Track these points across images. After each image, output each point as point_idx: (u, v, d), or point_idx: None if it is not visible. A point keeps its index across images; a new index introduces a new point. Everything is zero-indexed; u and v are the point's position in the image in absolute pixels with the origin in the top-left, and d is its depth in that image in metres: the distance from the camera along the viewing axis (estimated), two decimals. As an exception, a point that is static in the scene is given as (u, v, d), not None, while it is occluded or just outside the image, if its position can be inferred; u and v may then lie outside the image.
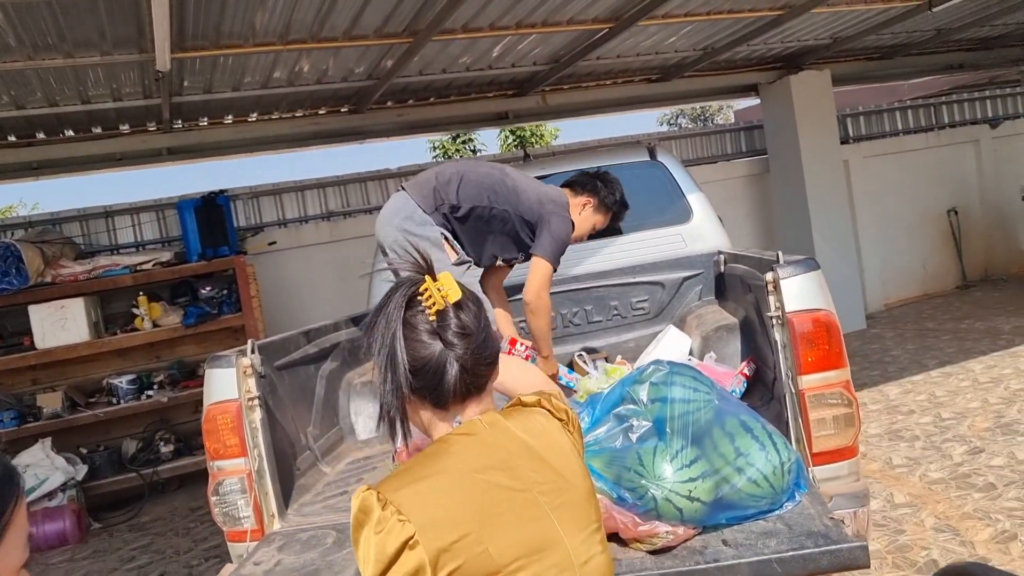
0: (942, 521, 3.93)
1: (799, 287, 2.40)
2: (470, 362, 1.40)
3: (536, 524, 1.31)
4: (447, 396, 1.40)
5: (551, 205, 3.46)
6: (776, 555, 1.84)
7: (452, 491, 1.28)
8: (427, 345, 1.39)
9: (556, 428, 1.45)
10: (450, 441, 1.37)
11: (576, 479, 1.39)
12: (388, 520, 1.24)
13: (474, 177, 3.44)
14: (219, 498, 2.56)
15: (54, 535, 5.77)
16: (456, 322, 1.40)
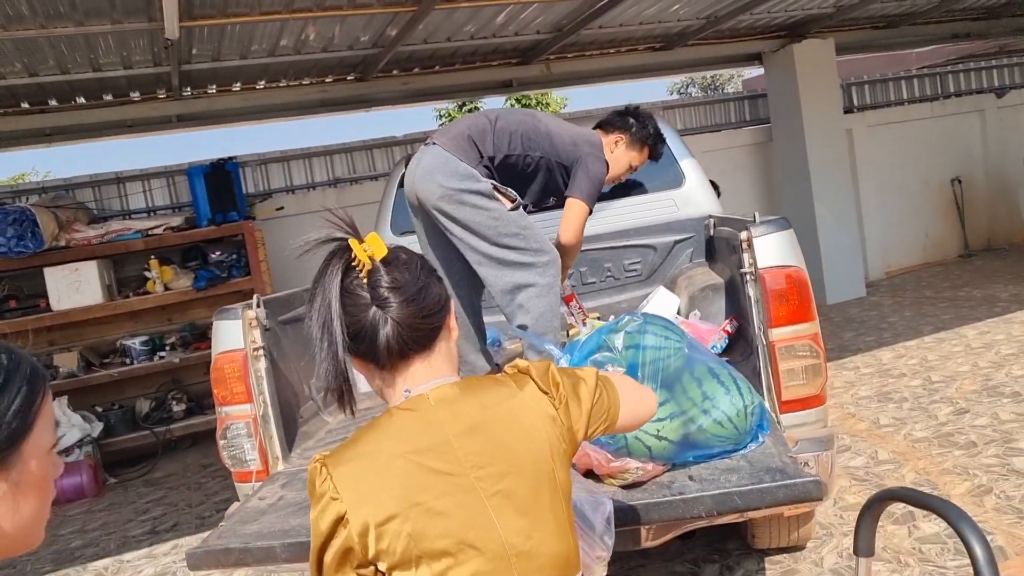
0: (922, 476, 4.09)
1: (771, 245, 2.54)
2: (406, 317, 1.36)
3: (467, 510, 1.29)
4: (384, 356, 1.37)
5: (586, 147, 3.36)
6: (737, 489, 1.99)
7: (384, 472, 1.30)
8: (361, 307, 1.36)
9: (527, 401, 1.40)
10: (393, 416, 1.36)
11: (528, 462, 1.35)
12: (324, 497, 1.30)
13: (506, 124, 3.33)
14: (227, 441, 2.74)
15: (72, 489, 6.01)
16: (386, 279, 1.37)
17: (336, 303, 1.36)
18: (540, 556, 1.32)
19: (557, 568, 1.35)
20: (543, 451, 1.36)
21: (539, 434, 1.37)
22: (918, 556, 3.27)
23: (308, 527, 2.20)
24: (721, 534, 3.66)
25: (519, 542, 1.30)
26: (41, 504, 1.03)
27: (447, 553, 1.27)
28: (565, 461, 1.40)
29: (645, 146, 3.55)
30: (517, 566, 1.30)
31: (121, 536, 5.07)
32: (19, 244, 6.25)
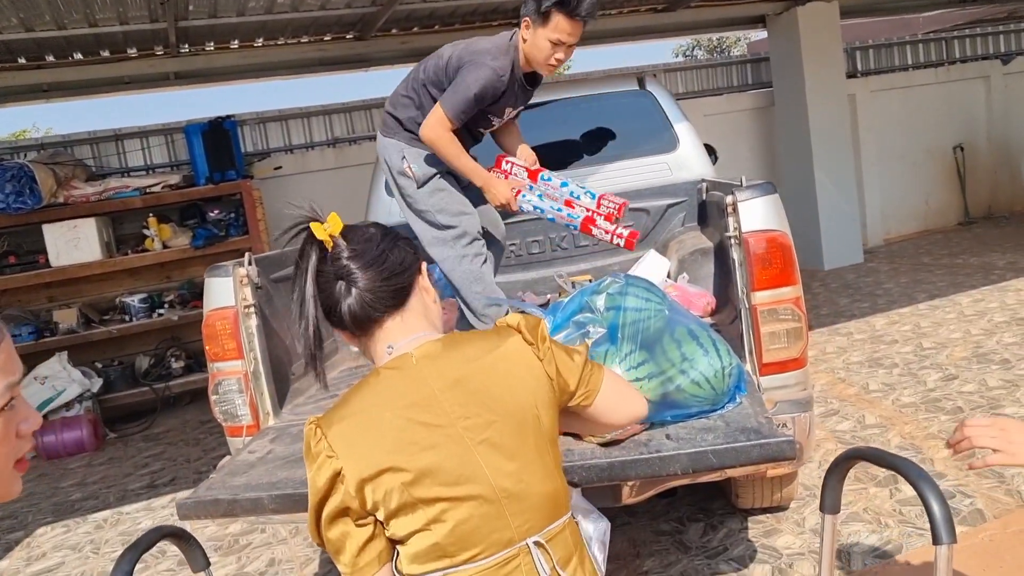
0: (907, 441, 4.15)
1: (756, 209, 2.56)
2: (367, 282, 1.44)
3: (456, 458, 1.36)
4: (351, 323, 1.46)
5: (469, 55, 3.09)
6: (712, 447, 2.03)
7: (375, 428, 1.38)
8: (331, 282, 1.45)
9: (511, 351, 1.47)
10: (380, 375, 1.44)
11: (512, 408, 1.42)
12: (319, 456, 1.38)
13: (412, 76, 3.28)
14: (219, 397, 2.79)
15: (72, 443, 6.10)
16: (346, 251, 1.46)
17: (310, 284, 1.46)
18: (529, 497, 1.40)
19: (546, 507, 1.43)
20: (526, 398, 1.43)
21: (521, 382, 1.44)
22: (898, 518, 3.34)
23: (295, 480, 2.27)
24: (706, 494, 3.73)
25: (508, 485, 1.38)
26: None
27: (440, 499, 1.35)
28: (551, 407, 1.47)
29: (548, 13, 2.95)
30: (508, 507, 1.38)
31: (120, 489, 5.17)
32: (17, 200, 6.27)
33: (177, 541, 1.92)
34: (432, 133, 3.10)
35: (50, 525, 4.70)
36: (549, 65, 3.10)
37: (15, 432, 1.00)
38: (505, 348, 1.47)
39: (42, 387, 6.27)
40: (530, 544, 1.40)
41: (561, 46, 3.03)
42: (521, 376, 1.45)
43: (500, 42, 3.14)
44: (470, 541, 1.37)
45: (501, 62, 3.07)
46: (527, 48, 3.08)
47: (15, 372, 1.00)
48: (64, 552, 4.29)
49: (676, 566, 3.23)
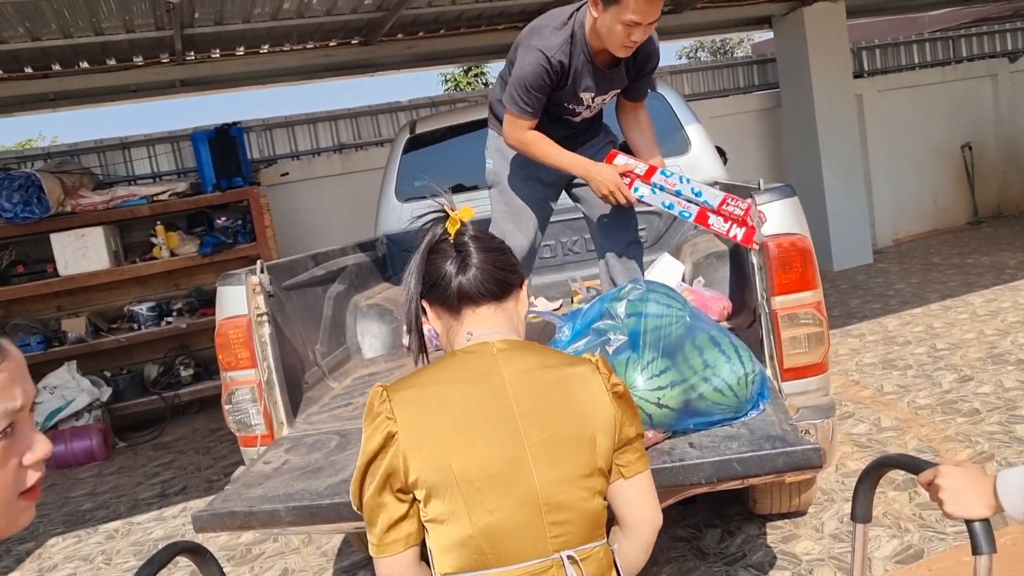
0: (924, 443, 4.10)
1: (775, 213, 2.52)
2: (482, 262, 1.50)
3: (507, 451, 1.37)
4: (455, 297, 1.50)
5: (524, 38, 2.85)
6: (736, 456, 2.00)
7: (439, 404, 1.40)
8: (446, 258, 1.51)
9: (585, 374, 1.48)
10: (457, 357, 1.48)
11: (574, 421, 1.42)
12: (379, 416, 1.40)
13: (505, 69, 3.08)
14: (232, 406, 2.76)
15: (82, 452, 6.09)
16: (471, 231, 1.54)
17: (420, 257, 1.53)
18: (569, 510, 1.39)
19: (585, 525, 1.41)
20: (589, 418, 1.43)
21: (588, 403, 1.45)
22: (918, 522, 3.30)
23: (312, 491, 2.24)
24: (723, 500, 3.69)
25: (551, 493, 1.38)
26: None
27: (482, 489, 1.35)
28: (609, 438, 1.45)
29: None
30: (547, 516, 1.37)
31: (131, 499, 5.14)
32: (25, 210, 6.26)
33: (193, 556, 1.89)
34: (513, 139, 2.98)
35: (61, 536, 4.68)
36: (625, 47, 2.73)
37: (17, 461, 0.93)
38: (580, 369, 1.49)
39: (51, 396, 6.25)
40: (564, 557, 1.38)
41: (637, 27, 2.65)
42: (589, 397, 1.45)
43: (556, 19, 2.82)
44: (504, 542, 1.36)
45: (551, 41, 2.76)
46: (598, 29, 2.71)
47: (16, 397, 0.92)
48: (76, 563, 4.27)
49: (694, 573, 3.20)
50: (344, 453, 2.47)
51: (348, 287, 3.78)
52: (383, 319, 3.77)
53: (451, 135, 4.89)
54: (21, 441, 0.94)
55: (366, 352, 3.68)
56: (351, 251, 3.99)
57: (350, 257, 3.91)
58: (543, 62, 2.76)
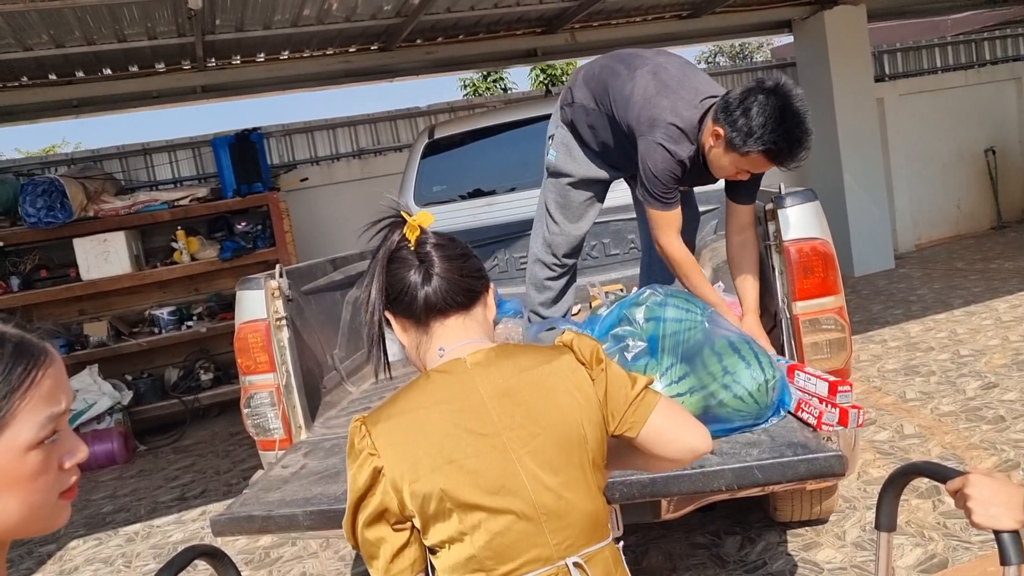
0: (948, 451, 4.05)
1: (796, 217, 2.50)
2: (446, 271, 1.44)
3: (498, 468, 1.34)
4: (422, 310, 1.44)
5: (644, 126, 2.75)
6: (757, 463, 1.98)
7: (420, 432, 1.35)
8: (408, 268, 1.45)
9: (562, 367, 1.43)
10: (430, 378, 1.42)
11: (560, 423, 1.38)
12: (362, 453, 1.36)
13: (598, 70, 3.05)
14: (251, 410, 2.77)
15: (103, 455, 6.13)
16: (432, 239, 1.47)
17: (380, 267, 1.46)
18: (569, 514, 1.36)
19: (586, 527, 1.39)
20: (574, 415, 1.39)
21: (570, 399, 1.40)
22: (942, 531, 3.25)
23: (330, 495, 2.24)
24: (743, 506, 3.65)
25: (549, 501, 1.35)
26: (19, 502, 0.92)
27: (479, 507, 1.33)
28: (598, 429, 1.42)
29: (748, 153, 2.49)
30: (547, 524, 1.35)
31: (151, 502, 5.18)
32: (49, 215, 6.32)
33: (211, 560, 1.89)
34: (667, 247, 2.82)
35: (82, 538, 4.71)
36: (727, 177, 2.76)
37: (58, 465, 0.96)
38: (557, 364, 1.44)
39: (73, 400, 6.30)
40: (569, 564, 1.37)
41: (746, 173, 2.66)
42: (570, 393, 1.41)
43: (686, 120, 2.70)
44: (507, 555, 1.34)
45: (680, 146, 2.71)
46: (709, 154, 2.67)
47: (61, 402, 0.95)
48: (96, 566, 4.30)
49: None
50: (362, 458, 2.46)
51: (366, 292, 3.78)
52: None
53: (470, 140, 4.90)
54: (62, 444, 0.97)
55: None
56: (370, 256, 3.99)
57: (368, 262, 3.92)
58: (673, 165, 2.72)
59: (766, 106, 2.42)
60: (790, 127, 2.41)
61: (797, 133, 2.42)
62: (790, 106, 2.42)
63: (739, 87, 2.56)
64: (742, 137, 2.45)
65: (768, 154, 2.47)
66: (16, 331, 0.95)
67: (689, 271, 2.81)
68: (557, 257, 3.36)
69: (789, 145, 2.43)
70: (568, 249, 3.36)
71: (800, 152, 2.45)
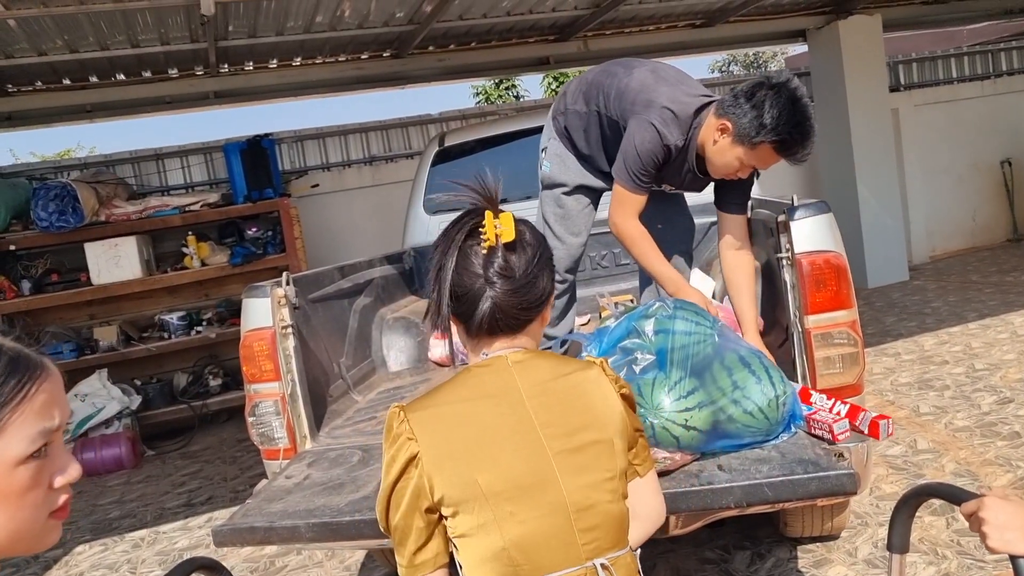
0: (963, 467, 3.98)
1: (809, 229, 2.46)
2: (505, 302, 1.43)
3: (532, 462, 1.37)
4: (475, 327, 1.46)
5: (640, 106, 2.76)
6: (767, 480, 1.94)
7: (459, 422, 1.39)
8: (472, 276, 1.44)
9: (597, 378, 1.48)
10: (472, 373, 1.46)
11: (594, 427, 1.43)
12: (400, 438, 1.39)
13: (591, 76, 3.07)
14: (255, 419, 2.75)
15: (111, 460, 6.13)
16: (501, 262, 1.44)
17: (453, 260, 1.44)
18: (597, 515, 1.39)
19: (612, 530, 1.41)
20: (606, 421, 1.44)
21: (603, 406, 1.45)
22: (956, 549, 3.19)
23: (333, 507, 2.21)
24: (752, 522, 3.60)
25: (579, 499, 1.37)
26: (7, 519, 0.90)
27: (511, 501, 1.35)
28: (624, 439, 1.46)
29: (758, 144, 2.52)
30: (577, 523, 1.37)
31: (158, 508, 5.16)
32: (60, 219, 6.34)
33: (209, 573, 1.86)
34: (621, 224, 2.85)
35: (88, 543, 4.70)
36: (726, 176, 2.75)
37: (48, 483, 0.94)
38: (590, 373, 1.49)
39: (82, 404, 6.31)
40: (597, 565, 1.38)
41: (750, 169, 2.69)
42: (603, 401, 1.46)
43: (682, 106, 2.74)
44: (536, 552, 1.36)
45: (671, 129, 2.72)
46: (712, 149, 2.67)
47: (54, 417, 0.93)
48: (102, 571, 4.28)
49: (723, 597, 3.12)
50: (366, 469, 2.43)
51: (374, 300, 3.76)
52: (409, 332, 3.75)
53: (480, 148, 4.87)
54: (54, 462, 0.95)
55: (391, 365, 3.66)
56: (378, 263, 3.98)
57: (377, 269, 3.90)
58: (658, 145, 2.73)
59: (777, 99, 2.47)
60: (800, 120, 2.47)
61: (807, 126, 2.48)
62: (799, 101, 2.48)
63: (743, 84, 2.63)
64: (755, 128, 2.49)
65: (780, 145, 2.51)
66: (13, 345, 0.94)
67: (647, 248, 2.85)
68: (560, 273, 3.28)
69: (801, 137, 2.49)
70: (570, 263, 3.32)
71: (808, 145, 2.51)
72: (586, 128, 3.11)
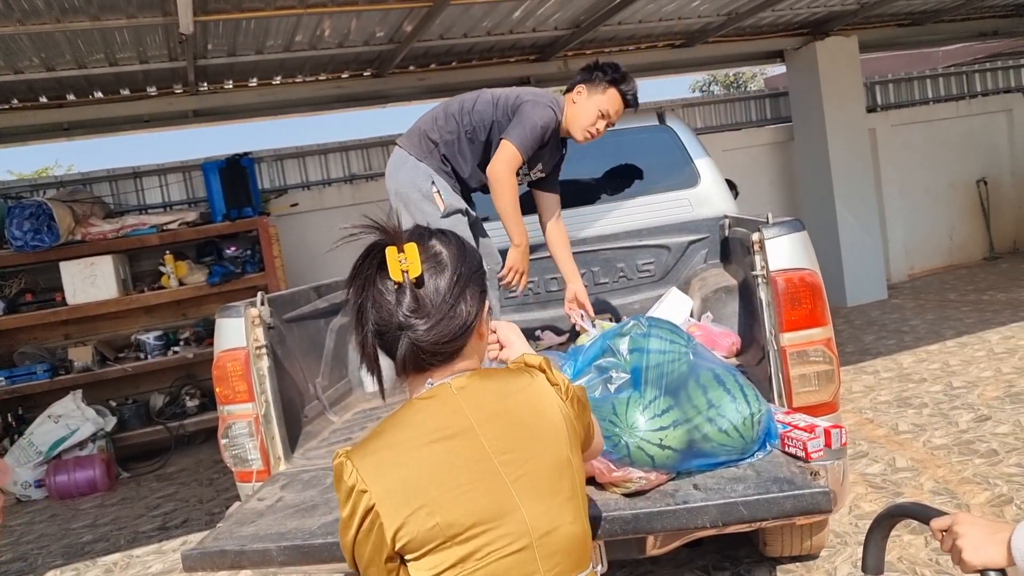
0: (941, 485, 3.99)
1: (784, 247, 2.47)
2: (424, 340, 1.36)
3: (492, 494, 1.32)
4: (400, 368, 1.40)
5: (529, 95, 3.37)
6: (742, 499, 1.93)
7: (409, 461, 1.32)
8: (388, 313, 1.37)
9: (542, 390, 1.43)
10: (416, 407, 1.38)
11: (549, 447, 1.38)
12: (353, 491, 1.32)
13: (454, 107, 3.44)
14: (229, 440, 2.71)
15: (85, 483, 6.03)
16: (410, 302, 1.37)
17: (369, 297, 1.39)
18: (560, 539, 1.35)
19: (575, 551, 1.38)
20: (560, 437, 1.39)
21: (555, 421, 1.40)
22: (935, 568, 3.18)
23: (305, 530, 2.17)
24: (732, 541, 3.58)
25: (542, 524, 1.34)
26: None
27: (474, 536, 1.30)
28: (577, 449, 1.43)
29: (608, 87, 3.38)
30: (539, 548, 1.33)
31: (131, 531, 5.07)
32: (35, 238, 6.27)
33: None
34: (502, 171, 3.26)
35: (59, 568, 4.60)
36: (587, 132, 3.40)
37: None
38: (537, 387, 1.43)
39: (56, 426, 6.21)
40: None
41: (605, 119, 3.39)
42: (553, 416, 1.41)
43: (553, 95, 3.41)
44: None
45: (555, 110, 3.34)
46: (573, 111, 3.39)
47: None
48: (72, 597, 4.19)
49: (702, 618, 3.09)
50: (339, 490, 2.40)
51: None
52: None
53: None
54: None
55: (368, 386, 3.63)
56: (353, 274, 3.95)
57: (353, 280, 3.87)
58: (551, 123, 3.32)
59: (605, 64, 3.44)
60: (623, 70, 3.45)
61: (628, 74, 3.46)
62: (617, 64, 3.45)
63: None
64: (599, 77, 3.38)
65: (618, 81, 3.38)
66: None
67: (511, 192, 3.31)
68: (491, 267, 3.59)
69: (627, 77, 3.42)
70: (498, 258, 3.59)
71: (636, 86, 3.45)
72: (460, 151, 3.42)
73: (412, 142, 3.44)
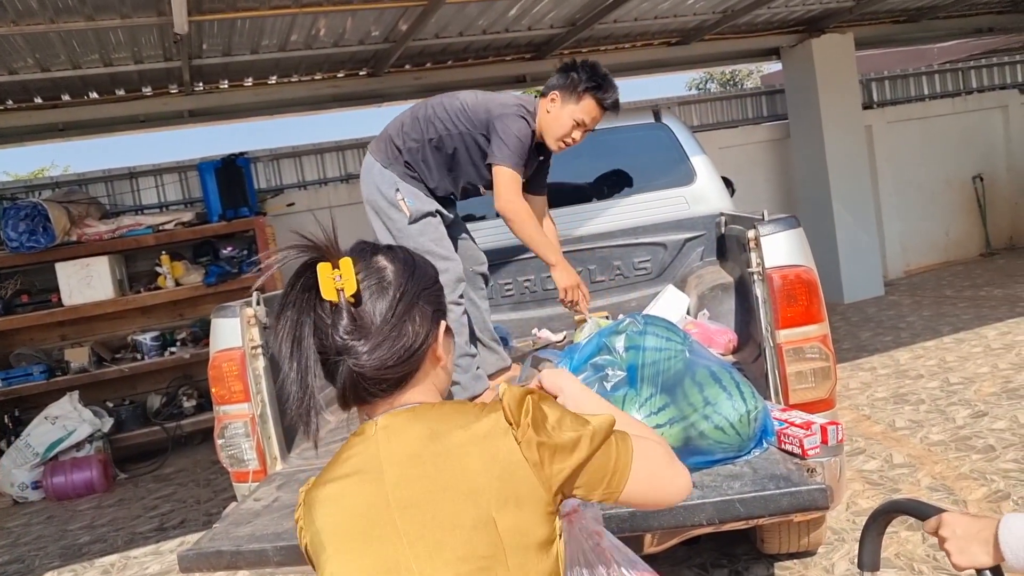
0: (938, 481, 3.99)
1: (779, 244, 2.47)
2: (365, 365, 1.23)
3: (381, 553, 1.16)
4: (341, 400, 1.29)
5: (499, 108, 3.18)
6: (739, 496, 1.93)
7: (328, 505, 1.23)
8: (328, 337, 1.24)
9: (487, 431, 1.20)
10: (348, 443, 1.28)
11: (464, 504, 1.16)
12: (297, 524, 1.30)
13: (421, 112, 3.30)
14: (225, 441, 2.71)
15: (82, 484, 6.02)
16: (346, 323, 1.23)
17: (308, 325, 1.24)
18: None
19: None
20: (486, 490, 1.17)
21: (485, 471, 1.18)
22: (932, 564, 3.19)
23: (301, 530, 2.16)
24: (730, 538, 3.59)
25: None
26: None
27: None
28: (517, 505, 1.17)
29: (583, 95, 3.14)
30: None
31: (129, 532, 5.07)
32: (31, 239, 6.26)
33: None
34: (514, 202, 3.14)
35: (57, 570, 4.60)
36: (561, 142, 3.23)
37: None
38: (479, 427, 1.21)
39: (53, 427, 6.21)
40: None
41: (581, 128, 3.20)
42: (485, 464, 1.18)
43: (525, 102, 3.24)
44: None
45: (528, 120, 3.18)
46: (547, 120, 3.21)
47: None
48: (69, 599, 4.19)
49: (700, 616, 3.09)
50: (336, 490, 2.40)
51: (348, 318, 3.72)
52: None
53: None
54: None
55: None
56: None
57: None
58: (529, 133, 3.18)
59: (583, 66, 3.18)
60: (604, 74, 3.18)
61: (609, 78, 3.20)
62: (597, 65, 3.20)
63: None
64: (574, 84, 3.13)
65: (596, 90, 3.14)
66: None
67: (534, 223, 3.23)
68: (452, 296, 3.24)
69: (608, 83, 3.17)
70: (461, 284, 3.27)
71: (615, 90, 3.19)
72: (424, 159, 3.27)
73: (380, 147, 3.33)
